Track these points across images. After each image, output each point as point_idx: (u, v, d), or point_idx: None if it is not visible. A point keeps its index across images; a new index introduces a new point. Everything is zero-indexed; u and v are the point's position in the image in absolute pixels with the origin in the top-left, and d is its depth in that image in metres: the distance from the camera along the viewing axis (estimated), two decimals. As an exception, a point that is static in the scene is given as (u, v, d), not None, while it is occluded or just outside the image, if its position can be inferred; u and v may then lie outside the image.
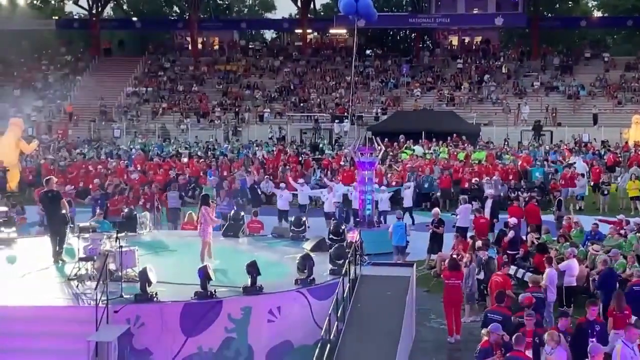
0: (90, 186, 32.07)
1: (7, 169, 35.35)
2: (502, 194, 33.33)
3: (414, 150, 44.77)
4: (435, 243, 24.59)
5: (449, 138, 47.78)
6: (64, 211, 19.58)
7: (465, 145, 45.86)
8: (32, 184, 34.79)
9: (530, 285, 17.80)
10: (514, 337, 13.44)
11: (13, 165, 36.06)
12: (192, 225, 24.91)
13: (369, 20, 34.78)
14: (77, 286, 16.56)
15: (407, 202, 30.57)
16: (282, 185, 30.68)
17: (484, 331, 14.43)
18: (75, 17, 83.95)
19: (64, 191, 30.28)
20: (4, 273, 16.76)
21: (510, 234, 23.14)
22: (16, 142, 36.79)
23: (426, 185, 35.54)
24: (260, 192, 33.01)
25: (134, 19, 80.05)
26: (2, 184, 34.65)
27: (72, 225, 20.28)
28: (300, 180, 31.58)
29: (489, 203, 27.70)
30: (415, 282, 19.33)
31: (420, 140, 47.82)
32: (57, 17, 79.87)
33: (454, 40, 74.06)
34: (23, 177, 36.86)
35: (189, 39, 74.42)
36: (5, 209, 23.45)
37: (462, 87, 61.94)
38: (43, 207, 20.46)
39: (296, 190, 31.01)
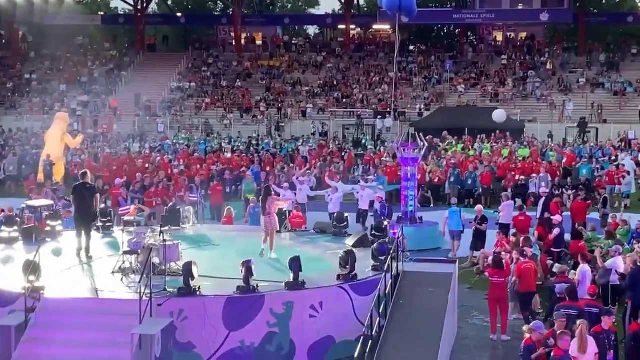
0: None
1: (53, 162, 35.76)
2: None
3: (456, 146, 44.56)
4: (478, 240, 24.48)
5: (492, 135, 47.46)
6: (95, 207, 19.82)
7: (509, 142, 45.50)
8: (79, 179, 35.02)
9: (558, 275, 17.78)
10: (557, 334, 13.31)
11: (58, 158, 36.46)
12: (231, 219, 25.09)
13: (410, 16, 34.67)
14: (122, 279, 16.75)
15: None
16: (285, 185, 30.43)
17: (525, 328, 14.33)
18: (121, 12, 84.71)
19: (114, 186, 30.76)
20: (50, 266, 16.93)
21: (556, 231, 22.96)
22: (61, 136, 37.19)
23: (469, 182, 35.32)
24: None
25: (179, 14, 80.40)
26: (49, 176, 35.08)
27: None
28: (301, 178, 31.23)
29: (541, 201, 27.47)
30: (458, 279, 19.24)
31: (463, 137, 47.57)
32: (102, 13, 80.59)
33: (499, 36, 73.41)
34: (69, 171, 37.25)
35: (232, 34, 74.68)
36: (51, 202, 23.75)
37: (507, 83, 61.49)
38: (75, 199, 19.85)
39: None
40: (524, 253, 19.24)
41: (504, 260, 18.79)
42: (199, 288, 15.56)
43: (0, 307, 15.58)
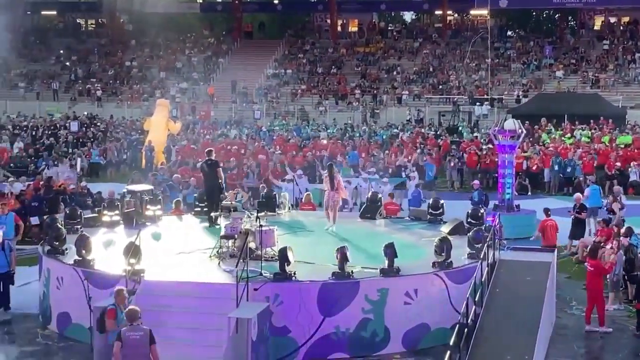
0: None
1: (154, 148, 36.51)
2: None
3: (555, 133, 43.78)
4: (578, 228, 24.01)
5: (592, 121, 46.43)
6: (220, 181, 20.84)
7: (610, 129, 44.43)
8: (182, 164, 35.50)
9: None
10: None
11: (162, 144, 37.25)
12: (311, 205, 25.06)
13: None
14: (219, 264, 17.00)
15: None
16: (288, 176, 29.78)
17: None
18: (219, 0, 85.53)
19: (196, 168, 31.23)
20: (149, 249, 17.28)
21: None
22: (165, 123, 38.01)
23: (568, 170, 34.67)
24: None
25: (275, 1, 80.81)
26: (150, 161, 35.82)
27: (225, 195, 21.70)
28: (299, 172, 30.29)
29: None
30: (557, 268, 18.89)
31: (562, 124, 46.69)
32: (201, 1, 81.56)
33: (600, 21, 71.69)
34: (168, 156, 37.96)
35: (328, 21, 74.78)
36: (151, 187, 24.23)
37: (608, 69, 59.97)
38: (203, 175, 21.87)
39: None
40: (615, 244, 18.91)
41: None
42: (295, 273, 15.67)
43: (102, 289, 15.97)
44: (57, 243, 17.85)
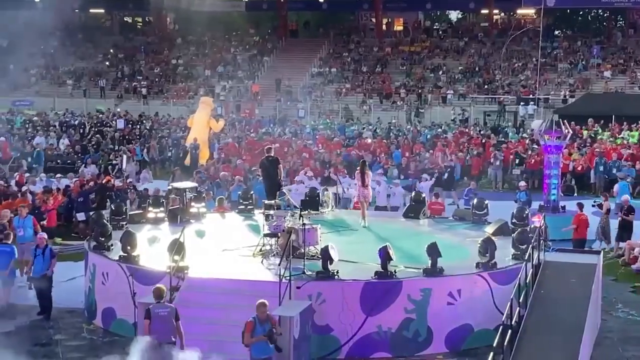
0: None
1: (199, 146, 36.68)
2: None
3: (602, 134, 43.25)
4: (625, 231, 23.69)
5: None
6: (279, 177, 21.15)
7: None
8: (224, 162, 35.62)
9: None
10: None
11: (204, 142, 37.40)
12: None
13: None
14: (262, 261, 17.06)
15: None
16: (298, 178, 29.44)
17: None
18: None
19: (237, 167, 31.37)
20: (193, 247, 17.38)
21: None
22: (207, 120, 38.19)
23: (614, 171, 34.22)
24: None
25: (320, 0, 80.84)
26: (195, 159, 35.98)
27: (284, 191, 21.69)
28: (310, 173, 30.03)
29: None
30: (603, 270, 18.65)
31: (610, 125, 46.10)
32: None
33: (649, 20, 70.71)
34: (212, 154, 38.10)
35: (373, 19, 74.58)
36: (195, 184, 24.38)
37: (657, 69, 59.14)
38: (262, 171, 22.05)
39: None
40: None
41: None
42: (337, 272, 15.67)
43: (147, 285, 16.07)
44: (102, 239, 18.05)
